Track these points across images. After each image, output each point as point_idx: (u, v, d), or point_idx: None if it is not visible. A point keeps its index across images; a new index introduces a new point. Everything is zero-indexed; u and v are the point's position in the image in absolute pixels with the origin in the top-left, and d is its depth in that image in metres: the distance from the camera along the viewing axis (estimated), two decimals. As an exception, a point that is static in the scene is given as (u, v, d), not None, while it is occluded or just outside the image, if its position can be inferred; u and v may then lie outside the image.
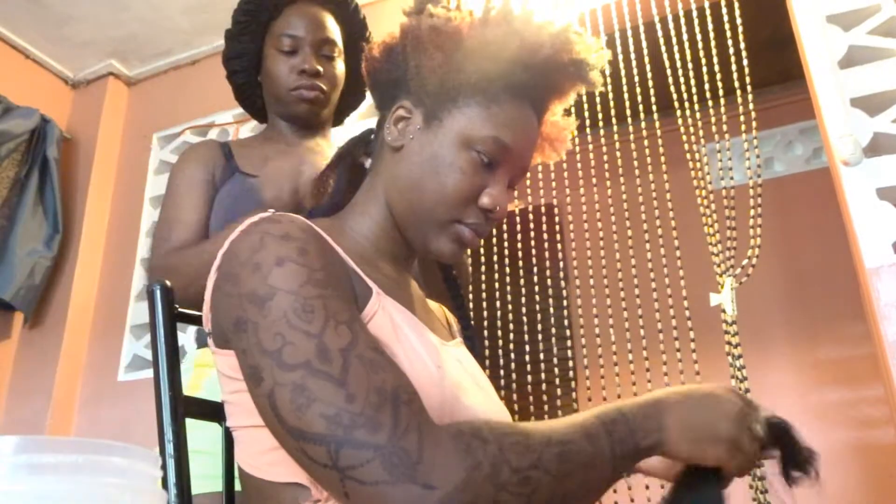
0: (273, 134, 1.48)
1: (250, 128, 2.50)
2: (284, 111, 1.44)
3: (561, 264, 3.16)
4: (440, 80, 0.85)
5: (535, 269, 2.31)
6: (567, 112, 0.99)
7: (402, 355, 0.74)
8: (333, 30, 1.45)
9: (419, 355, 0.75)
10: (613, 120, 2.15)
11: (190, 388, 1.20)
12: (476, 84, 0.84)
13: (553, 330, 3.23)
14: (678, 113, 2.07)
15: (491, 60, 0.84)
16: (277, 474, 0.73)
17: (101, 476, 0.32)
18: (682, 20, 2.10)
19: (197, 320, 0.92)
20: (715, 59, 2.03)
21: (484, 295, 2.40)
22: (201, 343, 1.33)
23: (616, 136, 2.15)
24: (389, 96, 0.91)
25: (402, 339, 0.76)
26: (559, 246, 2.32)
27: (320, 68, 1.41)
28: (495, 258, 2.42)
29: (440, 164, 0.84)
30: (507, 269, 2.40)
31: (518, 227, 2.49)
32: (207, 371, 1.24)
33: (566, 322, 3.25)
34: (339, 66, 1.45)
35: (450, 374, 0.77)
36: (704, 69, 2.05)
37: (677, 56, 2.09)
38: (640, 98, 2.12)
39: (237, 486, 0.84)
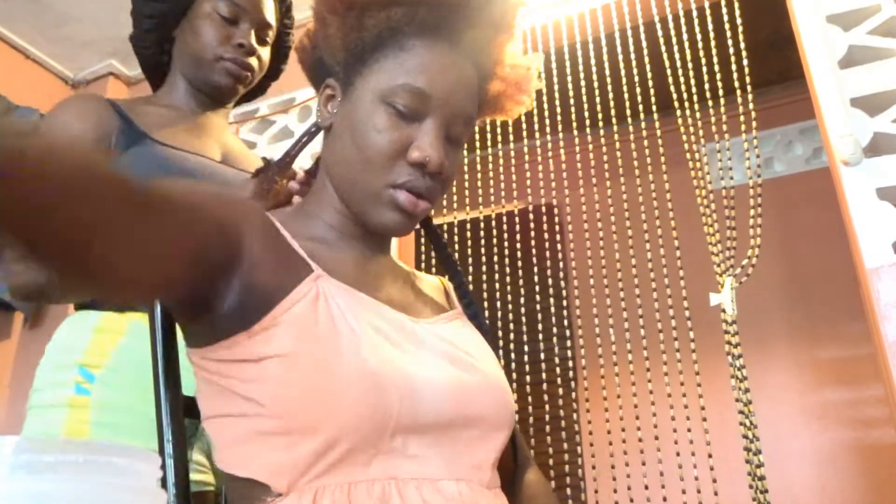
0: (171, 99, 1.32)
1: (249, 127, 2.51)
2: (201, 77, 1.29)
3: (561, 264, 3.17)
4: (343, 45, 0.82)
5: (535, 269, 2.31)
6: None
7: (333, 336, 0.72)
8: (273, 13, 1.35)
9: (353, 336, 0.73)
10: (613, 120, 2.15)
11: (93, 354, 1.09)
12: (378, 37, 0.81)
13: (553, 330, 3.23)
14: (678, 113, 2.07)
15: (385, 7, 0.80)
16: (240, 468, 0.73)
17: (101, 476, 0.32)
18: (682, 20, 2.10)
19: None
20: (715, 59, 2.03)
21: (484, 295, 2.40)
22: (100, 306, 1.15)
23: (616, 136, 2.15)
24: (319, 79, 0.89)
25: (332, 320, 0.73)
26: (559, 246, 2.32)
27: (258, 48, 1.31)
28: (495, 258, 2.43)
29: (357, 129, 0.80)
30: (507, 269, 2.40)
31: (518, 227, 2.50)
32: (116, 338, 1.11)
33: (566, 322, 3.25)
34: (268, 52, 1.36)
35: (396, 353, 0.74)
36: (704, 69, 2.05)
37: (677, 56, 2.09)
38: (640, 98, 2.12)
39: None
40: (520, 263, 2.34)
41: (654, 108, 2.14)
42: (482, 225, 2.86)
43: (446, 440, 0.76)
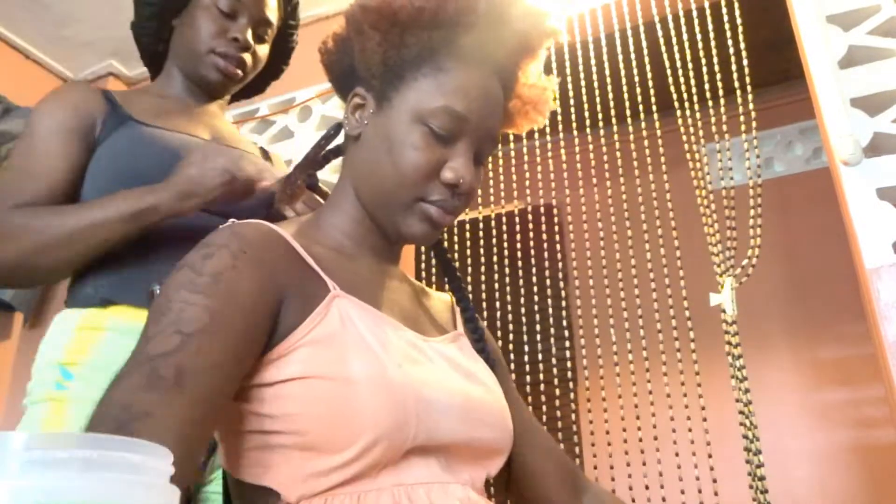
0: (166, 89, 1.32)
1: (249, 128, 2.51)
2: (193, 70, 1.30)
3: (561, 264, 3.17)
4: (382, 59, 0.83)
5: (535, 269, 2.31)
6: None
7: (354, 355, 0.72)
8: (274, 11, 1.34)
9: (373, 354, 0.73)
10: (613, 120, 2.15)
11: (72, 352, 1.10)
12: (418, 56, 0.82)
13: (553, 330, 3.23)
14: (678, 113, 2.07)
15: (428, 28, 0.81)
16: (251, 475, 0.73)
17: (113, 472, 0.32)
18: (682, 20, 2.11)
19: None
20: (715, 59, 2.03)
21: (484, 295, 2.40)
22: (84, 303, 1.15)
23: (616, 136, 2.16)
24: (346, 86, 0.89)
25: (353, 339, 0.74)
26: (559, 246, 2.32)
27: (253, 44, 1.30)
28: (495, 258, 2.43)
29: (394, 145, 0.81)
30: (507, 269, 2.40)
31: (518, 227, 2.50)
32: (96, 335, 1.11)
33: (566, 322, 3.25)
34: (266, 50, 1.35)
35: (413, 372, 0.75)
36: (704, 69, 2.05)
37: (677, 56, 2.09)
38: (640, 98, 2.13)
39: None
40: (520, 264, 2.35)
41: (654, 108, 2.14)
42: (482, 225, 2.86)
43: (449, 456, 0.77)
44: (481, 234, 2.78)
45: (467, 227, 2.64)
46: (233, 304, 0.69)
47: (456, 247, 2.59)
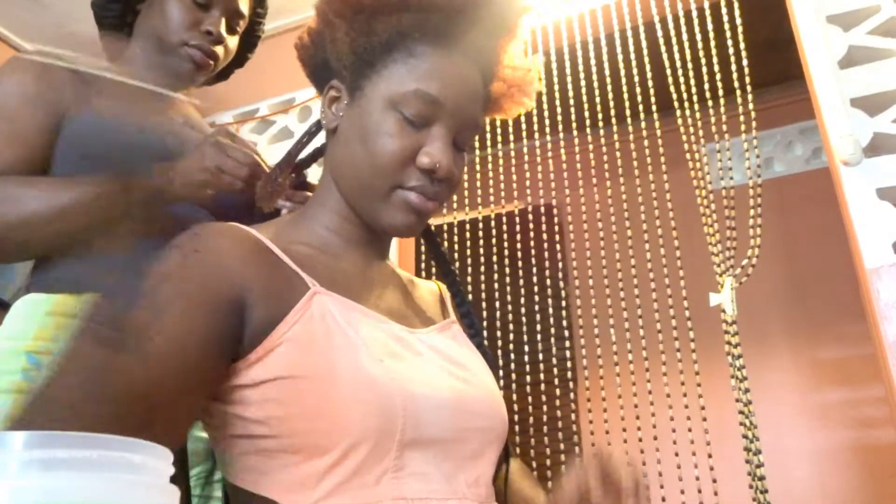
0: (132, 70, 1.26)
1: (250, 128, 2.51)
2: (162, 59, 1.25)
3: (561, 264, 3.17)
4: (351, 49, 0.81)
5: (535, 269, 2.31)
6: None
7: (335, 352, 0.71)
8: (247, 2, 1.31)
9: (355, 351, 0.72)
10: (613, 120, 2.15)
11: (43, 339, 1.03)
12: (388, 42, 0.80)
13: (553, 330, 3.23)
14: (678, 113, 2.07)
15: (395, 13, 0.79)
16: (247, 482, 0.72)
17: (114, 472, 0.32)
18: (682, 20, 2.10)
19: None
20: (715, 59, 2.03)
21: (484, 295, 2.40)
22: (54, 287, 1.08)
23: (616, 136, 2.15)
24: (322, 81, 0.89)
25: (334, 336, 0.73)
26: (559, 246, 2.32)
27: (226, 36, 1.27)
28: (495, 258, 2.43)
29: (368, 134, 0.80)
30: (507, 269, 2.40)
31: (518, 227, 2.50)
32: (71, 322, 1.05)
33: (566, 322, 3.25)
34: (236, 41, 1.32)
35: (398, 367, 0.74)
36: (704, 69, 2.05)
37: (677, 56, 2.09)
38: (640, 98, 2.13)
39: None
40: (519, 264, 2.34)
41: (654, 108, 2.14)
42: (482, 225, 2.86)
43: (446, 456, 0.76)
44: (481, 234, 2.78)
45: (467, 227, 2.64)
46: (186, 328, 0.67)
47: (456, 247, 2.58)
